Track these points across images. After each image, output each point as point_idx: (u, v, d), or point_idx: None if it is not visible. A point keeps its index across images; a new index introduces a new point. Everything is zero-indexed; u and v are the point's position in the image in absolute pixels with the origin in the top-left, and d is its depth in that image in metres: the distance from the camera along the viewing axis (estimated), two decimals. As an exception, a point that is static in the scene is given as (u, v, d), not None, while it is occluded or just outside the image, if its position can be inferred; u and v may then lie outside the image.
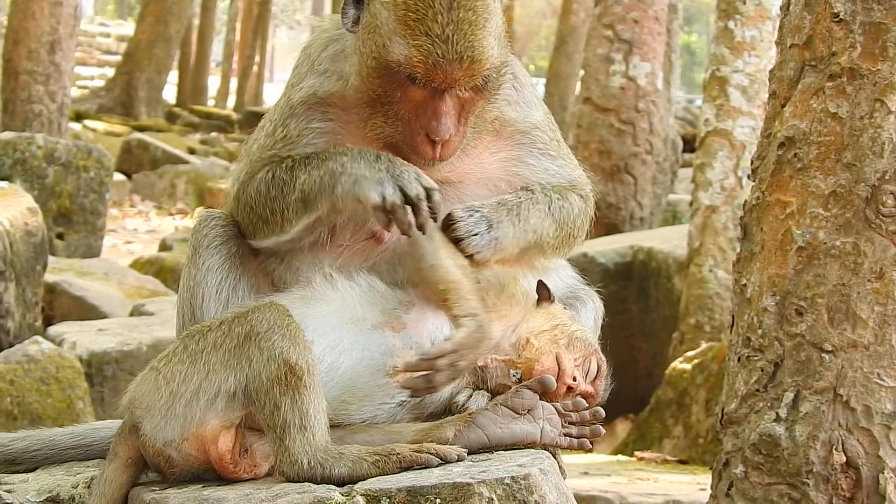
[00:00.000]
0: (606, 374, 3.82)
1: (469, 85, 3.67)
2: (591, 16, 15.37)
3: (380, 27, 3.65)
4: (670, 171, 14.55)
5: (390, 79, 3.66)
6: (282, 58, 77.49)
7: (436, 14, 3.57)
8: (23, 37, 17.02)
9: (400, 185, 3.59)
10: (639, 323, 11.04)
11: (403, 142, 3.74)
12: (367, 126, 3.79)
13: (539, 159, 3.99)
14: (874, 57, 4.28)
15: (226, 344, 3.41)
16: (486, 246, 3.76)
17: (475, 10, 3.61)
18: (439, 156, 3.73)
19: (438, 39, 3.57)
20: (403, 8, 3.60)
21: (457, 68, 3.60)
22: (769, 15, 10.10)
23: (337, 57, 3.89)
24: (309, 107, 3.88)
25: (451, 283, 3.63)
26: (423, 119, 3.68)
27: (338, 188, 3.66)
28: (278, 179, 3.79)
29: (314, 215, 3.74)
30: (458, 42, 3.58)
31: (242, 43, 42.75)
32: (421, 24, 3.57)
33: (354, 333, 3.62)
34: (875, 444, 4.28)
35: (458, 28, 3.58)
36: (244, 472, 3.42)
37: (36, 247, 9.48)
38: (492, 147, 3.92)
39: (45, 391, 7.60)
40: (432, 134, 3.68)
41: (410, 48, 3.58)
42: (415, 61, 3.59)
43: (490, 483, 3.18)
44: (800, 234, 4.38)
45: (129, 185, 23.01)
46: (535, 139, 4.00)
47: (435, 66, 3.59)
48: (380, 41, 3.65)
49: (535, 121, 4.01)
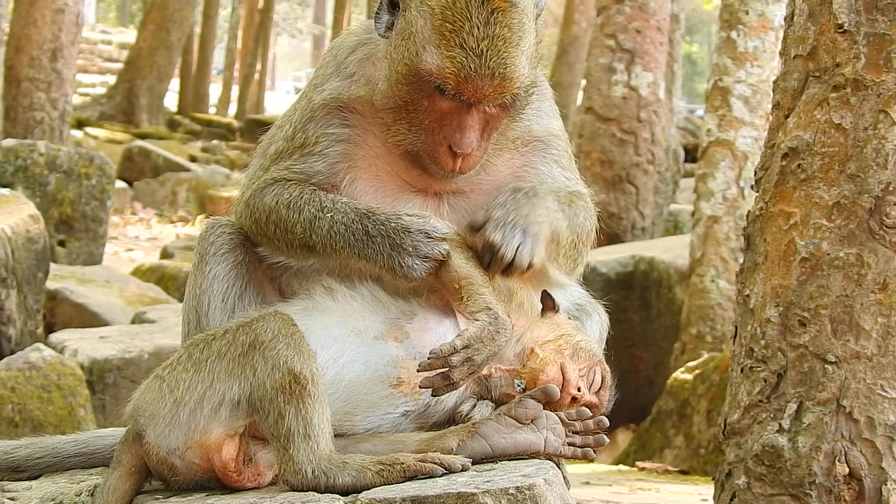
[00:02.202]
0: (611, 384, 3.81)
1: (497, 102, 3.66)
2: (593, 25, 15.40)
3: (414, 34, 3.64)
4: (672, 181, 14.56)
5: (419, 87, 3.66)
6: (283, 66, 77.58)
7: (472, 27, 3.56)
8: (25, 44, 17.05)
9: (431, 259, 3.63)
10: (640, 333, 11.04)
11: (425, 151, 3.74)
12: (389, 131, 3.79)
13: (550, 166, 3.99)
14: (878, 68, 4.28)
15: (230, 353, 3.41)
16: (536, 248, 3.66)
17: (511, 27, 3.60)
18: (459, 169, 3.73)
19: (472, 53, 3.56)
20: (441, 18, 3.58)
21: (487, 84, 3.59)
22: (772, 25, 10.11)
23: (365, 61, 3.89)
24: (329, 111, 3.87)
25: (462, 279, 3.62)
26: (448, 131, 3.68)
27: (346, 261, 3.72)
28: (284, 218, 3.79)
29: (322, 260, 3.78)
30: (491, 58, 3.57)
31: (244, 51, 42.78)
32: (456, 36, 3.56)
33: (357, 345, 3.61)
34: (878, 456, 4.28)
35: (493, 44, 3.57)
36: (248, 481, 3.42)
37: (37, 254, 9.48)
38: (506, 156, 3.93)
39: (46, 398, 7.59)
40: (455, 146, 3.68)
41: (444, 59, 3.58)
42: (446, 72, 3.58)
43: (494, 493, 3.18)
44: (803, 245, 4.38)
45: (130, 193, 23.03)
46: (550, 146, 4.00)
47: (466, 80, 3.58)
48: (413, 48, 3.64)
49: (552, 129, 4.01)
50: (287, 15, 62.17)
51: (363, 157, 3.85)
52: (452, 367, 3.47)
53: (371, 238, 3.66)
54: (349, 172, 3.84)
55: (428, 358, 3.47)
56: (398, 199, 3.83)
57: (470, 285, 3.61)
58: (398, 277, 3.64)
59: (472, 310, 3.58)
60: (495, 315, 3.55)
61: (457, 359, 3.47)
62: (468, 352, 3.48)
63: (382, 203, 3.79)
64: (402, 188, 3.85)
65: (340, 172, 3.84)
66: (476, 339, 3.50)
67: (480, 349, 3.50)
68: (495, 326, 3.54)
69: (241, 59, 42.97)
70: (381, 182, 3.85)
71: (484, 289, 3.60)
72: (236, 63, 43.90)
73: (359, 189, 3.83)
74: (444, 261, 3.62)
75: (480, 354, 3.50)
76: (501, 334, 3.55)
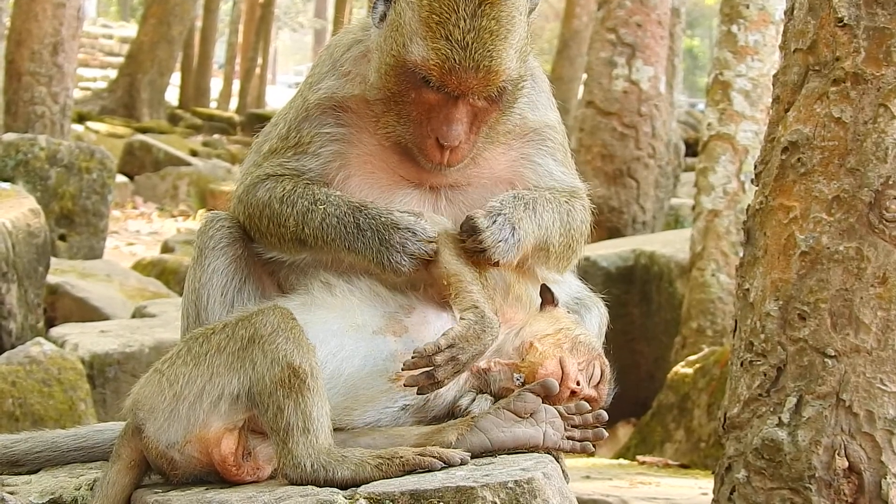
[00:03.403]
0: (610, 378, 3.81)
1: (483, 94, 3.65)
2: (593, 19, 15.39)
3: (402, 26, 3.64)
4: (673, 175, 14.55)
5: (406, 79, 3.65)
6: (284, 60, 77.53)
7: (458, 19, 3.56)
8: (26, 38, 17.05)
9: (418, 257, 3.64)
10: (641, 327, 11.04)
11: (413, 143, 3.74)
12: (379, 123, 3.79)
13: (546, 159, 3.98)
14: (878, 62, 4.28)
15: (229, 347, 3.41)
16: (511, 250, 3.70)
17: (499, 19, 3.59)
18: (447, 161, 3.73)
19: (458, 45, 3.56)
20: (427, 10, 3.58)
21: (472, 76, 3.59)
22: (772, 19, 10.10)
23: (361, 58, 3.89)
24: (323, 110, 3.87)
25: (451, 276, 3.62)
26: (435, 123, 3.68)
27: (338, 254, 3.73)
28: (277, 212, 3.81)
29: (314, 254, 3.79)
30: (476, 50, 3.56)
31: (245, 45, 42.78)
32: (442, 28, 3.56)
33: (356, 339, 3.61)
34: (877, 449, 4.28)
35: (479, 36, 3.56)
36: (247, 475, 3.42)
37: (38, 248, 9.47)
38: (501, 148, 3.92)
39: (46, 393, 7.59)
40: (442, 139, 3.68)
41: (429, 51, 3.58)
42: (431, 64, 3.58)
43: (493, 487, 3.18)
44: (803, 239, 4.38)
45: (131, 187, 23.02)
46: (545, 138, 3.99)
47: (450, 72, 3.58)
48: (400, 40, 3.64)
49: (548, 121, 4.01)
50: (288, 9, 62.14)
51: (357, 155, 3.85)
52: (436, 366, 3.46)
53: (361, 232, 3.67)
54: (342, 170, 3.85)
55: (412, 357, 3.47)
56: (395, 193, 3.83)
57: (458, 283, 3.61)
58: (387, 272, 3.65)
59: (458, 308, 3.58)
60: (481, 314, 3.54)
61: (441, 358, 3.46)
62: (453, 351, 3.47)
63: (379, 198, 3.80)
64: (398, 183, 3.85)
65: (333, 171, 3.85)
66: (461, 338, 3.49)
67: (465, 348, 3.49)
68: (481, 325, 3.52)
69: (243, 53, 42.95)
70: (376, 178, 3.85)
71: (472, 286, 3.60)
72: (237, 57, 43.88)
73: (353, 186, 3.83)
74: (432, 259, 3.63)
75: (465, 353, 3.50)
76: (487, 333, 3.54)
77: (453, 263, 3.64)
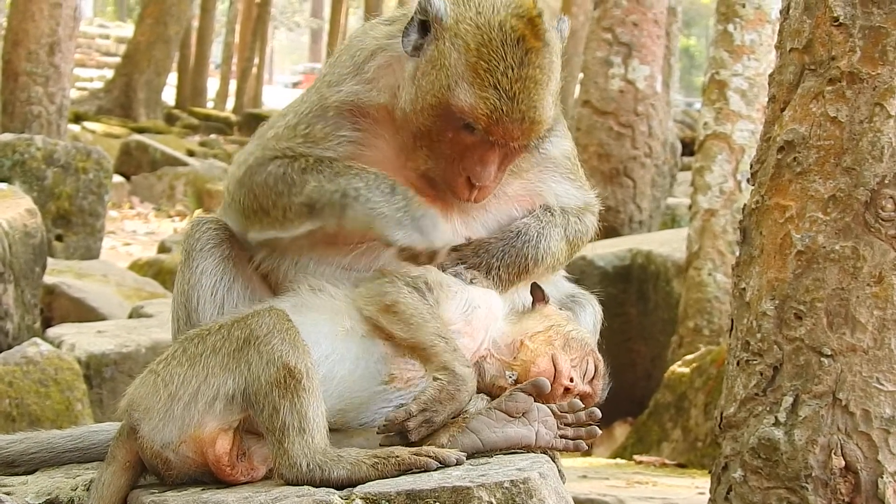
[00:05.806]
0: (604, 373, 3.81)
1: (523, 143, 3.65)
2: (590, 19, 15.40)
3: (447, 67, 3.59)
4: (669, 174, 14.56)
5: (447, 120, 3.61)
6: (281, 60, 77.53)
7: (507, 68, 3.53)
8: (22, 38, 17.03)
9: (422, 233, 3.57)
10: (637, 326, 11.04)
11: (442, 178, 3.71)
12: (408, 154, 3.75)
13: (561, 183, 4.01)
14: (874, 61, 4.28)
15: (225, 347, 3.41)
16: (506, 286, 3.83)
17: (542, 68, 3.57)
18: (474, 199, 3.72)
19: (505, 95, 3.53)
20: (476, 55, 3.55)
21: (517, 127, 3.57)
22: (769, 18, 10.11)
23: (386, 68, 3.82)
24: (342, 113, 3.82)
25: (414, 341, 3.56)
26: (468, 163, 3.65)
27: (349, 212, 3.64)
28: (288, 177, 3.75)
29: (317, 224, 3.73)
30: (522, 101, 3.54)
31: (241, 45, 42.80)
32: (491, 76, 3.53)
33: (346, 342, 3.59)
34: (874, 449, 4.28)
35: (525, 86, 3.54)
36: (241, 475, 3.42)
37: (35, 248, 9.46)
38: (520, 175, 3.94)
39: (43, 393, 7.59)
40: (475, 178, 3.66)
41: (476, 98, 3.54)
42: (479, 113, 3.55)
43: (489, 487, 3.18)
44: (799, 238, 4.37)
45: (127, 187, 23.03)
46: (560, 165, 4.02)
47: (497, 122, 3.55)
48: (445, 82, 3.59)
49: (565, 151, 4.03)
50: (285, 9, 62.18)
51: (370, 158, 3.81)
52: (409, 430, 3.42)
53: (395, 193, 3.61)
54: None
55: (384, 423, 3.43)
56: None
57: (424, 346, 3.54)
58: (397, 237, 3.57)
59: (429, 370, 3.52)
60: (453, 374, 3.47)
61: (413, 423, 3.41)
62: (426, 415, 3.42)
63: None
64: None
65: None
66: (434, 401, 3.44)
67: (439, 410, 3.44)
68: (454, 385, 3.46)
69: (239, 53, 42.99)
70: None
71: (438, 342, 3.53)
72: (234, 57, 43.93)
73: None
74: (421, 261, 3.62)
75: (440, 415, 3.44)
76: (462, 392, 3.47)
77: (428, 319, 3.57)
